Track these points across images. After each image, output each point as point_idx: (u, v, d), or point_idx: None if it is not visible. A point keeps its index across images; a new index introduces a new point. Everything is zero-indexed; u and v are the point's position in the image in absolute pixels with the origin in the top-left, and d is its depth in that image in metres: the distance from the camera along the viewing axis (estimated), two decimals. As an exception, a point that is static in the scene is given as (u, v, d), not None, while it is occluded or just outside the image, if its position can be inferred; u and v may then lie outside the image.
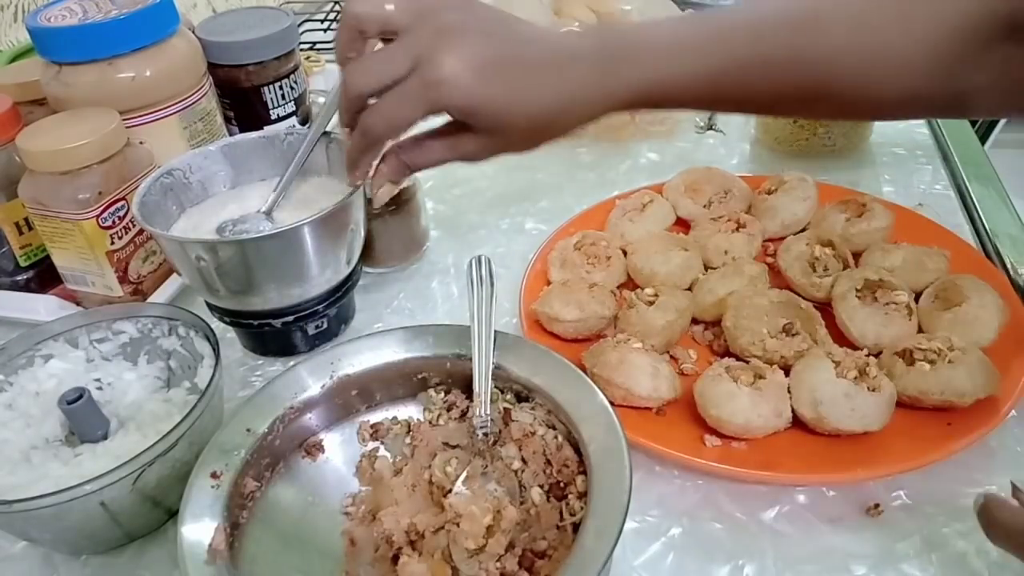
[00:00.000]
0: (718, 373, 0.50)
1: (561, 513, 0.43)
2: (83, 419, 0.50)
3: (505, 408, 0.47)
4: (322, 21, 1.22)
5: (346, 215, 0.55)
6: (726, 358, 0.54)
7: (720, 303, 0.58)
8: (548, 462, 0.45)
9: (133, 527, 0.48)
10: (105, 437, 0.51)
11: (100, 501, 0.44)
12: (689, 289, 0.62)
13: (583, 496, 0.42)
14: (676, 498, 0.49)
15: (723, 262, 0.63)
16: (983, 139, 0.85)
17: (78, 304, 0.67)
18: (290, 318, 0.58)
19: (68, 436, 0.52)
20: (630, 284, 0.64)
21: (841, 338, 0.56)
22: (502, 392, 0.48)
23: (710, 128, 0.88)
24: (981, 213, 0.72)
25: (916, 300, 0.57)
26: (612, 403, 0.48)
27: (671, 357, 0.57)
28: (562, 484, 0.44)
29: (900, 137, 0.82)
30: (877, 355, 0.53)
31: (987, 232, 0.69)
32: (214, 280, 0.54)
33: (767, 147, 0.83)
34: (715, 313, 0.58)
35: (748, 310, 0.55)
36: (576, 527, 0.41)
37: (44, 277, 0.69)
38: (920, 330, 0.55)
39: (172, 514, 0.49)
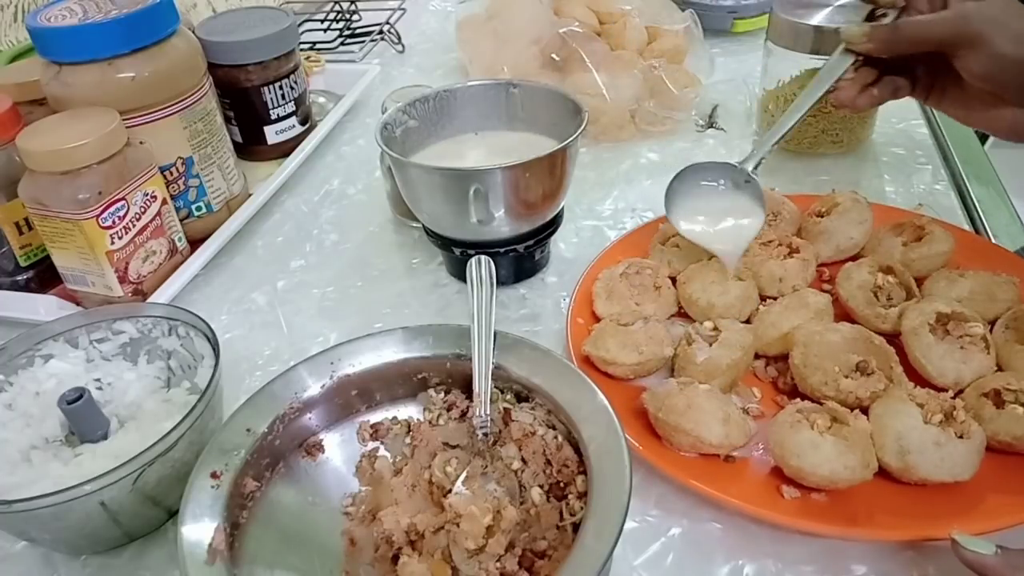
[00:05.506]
0: (796, 420, 0.47)
1: (561, 513, 0.42)
2: (83, 419, 0.50)
3: (505, 408, 0.47)
4: (322, 21, 1.22)
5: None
6: (797, 399, 0.50)
7: (785, 338, 0.54)
8: (548, 462, 0.45)
9: (133, 527, 0.48)
10: (105, 437, 0.51)
11: (100, 501, 0.44)
12: (747, 321, 0.58)
13: (583, 496, 0.42)
14: (676, 498, 0.49)
15: (777, 290, 0.60)
16: (983, 139, 0.84)
17: (78, 304, 0.67)
18: (531, 242, 0.65)
19: (68, 436, 0.52)
20: (680, 314, 0.61)
21: (912, 374, 0.52)
22: (502, 392, 0.48)
23: (711, 126, 0.88)
24: (981, 213, 0.72)
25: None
26: (679, 450, 0.48)
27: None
28: (562, 484, 0.44)
29: (900, 137, 0.82)
30: (955, 395, 0.49)
31: (987, 232, 0.69)
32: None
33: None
34: (779, 348, 0.55)
35: (819, 347, 0.51)
36: (576, 527, 0.41)
37: (44, 277, 0.69)
38: (998, 365, 0.52)
39: (172, 514, 0.49)
